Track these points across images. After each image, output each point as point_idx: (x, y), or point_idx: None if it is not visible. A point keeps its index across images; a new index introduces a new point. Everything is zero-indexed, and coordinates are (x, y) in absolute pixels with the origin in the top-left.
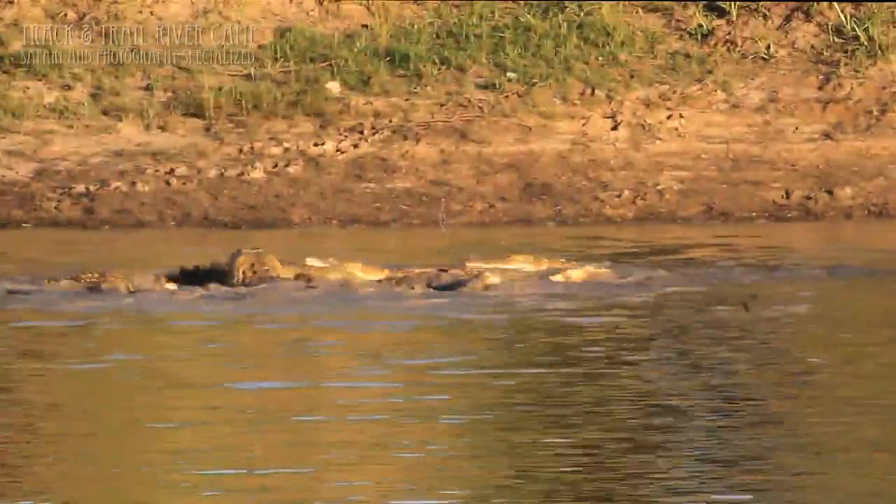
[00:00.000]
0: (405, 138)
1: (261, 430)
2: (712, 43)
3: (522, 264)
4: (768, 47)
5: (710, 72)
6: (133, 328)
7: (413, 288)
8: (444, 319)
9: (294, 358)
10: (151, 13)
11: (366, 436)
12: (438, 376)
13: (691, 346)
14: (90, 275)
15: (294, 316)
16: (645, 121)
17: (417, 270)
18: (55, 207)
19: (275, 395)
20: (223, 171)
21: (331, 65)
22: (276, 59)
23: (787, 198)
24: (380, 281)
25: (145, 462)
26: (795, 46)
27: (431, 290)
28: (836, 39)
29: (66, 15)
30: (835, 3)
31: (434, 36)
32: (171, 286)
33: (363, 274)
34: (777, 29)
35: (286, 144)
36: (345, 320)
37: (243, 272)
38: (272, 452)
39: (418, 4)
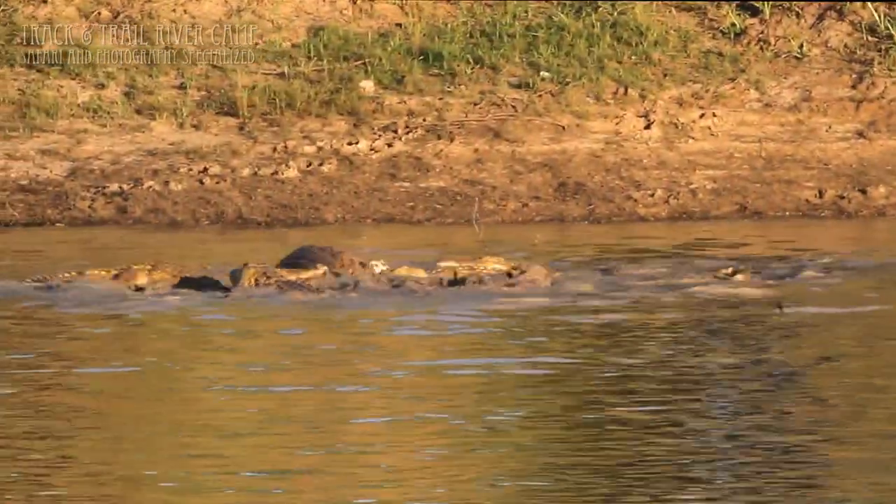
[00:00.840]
0: (439, 137)
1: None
2: (745, 42)
3: (494, 265)
4: (801, 46)
5: (743, 71)
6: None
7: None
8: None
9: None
10: (185, 12)
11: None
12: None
13: None
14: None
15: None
16: (678, 120)
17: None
18: (89, 206)
19: (305, 398)
20: (257, 170)
21: (364, 64)
22: (309, 58)
23: (821, 197)
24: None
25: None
26: (828, 45)
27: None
28: (870, 38)
29: (99, 14)
30: (868, 2)
31: (468, 35)
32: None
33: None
34: (810, 28)
35: (320, 143)
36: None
37: (255, 280)
38: (304, 458)
39: (452, 4)
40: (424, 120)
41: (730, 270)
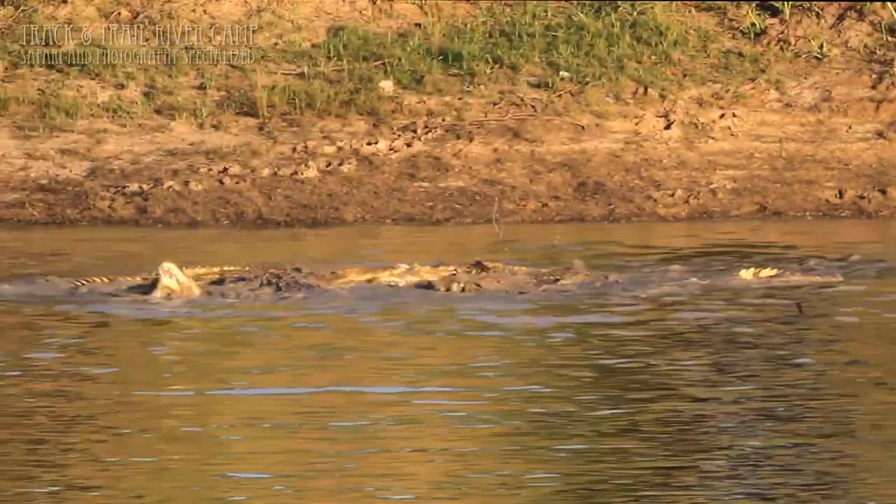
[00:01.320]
0: (458, 137)
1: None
2: (765, 42)
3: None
4: (821, 46)
5: (763, 71)
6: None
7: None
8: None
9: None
10: (205, 12)
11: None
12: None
13: None
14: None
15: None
16: (698, 120)
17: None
18: (108, 206)
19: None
20: (276, 170)
21: (384, 64)
22: (329, 58)
23: (841, 197)
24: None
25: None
26: (848, 45)
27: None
28: (890, 38)
29: (119, 14)
30: (888, 3)
31: (487, 35)
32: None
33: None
34: (830, 28)
35: (339, 143)
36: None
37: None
38: (312, 459)
39: (471, 3)
40: (444, 120)
41: (753, 270)
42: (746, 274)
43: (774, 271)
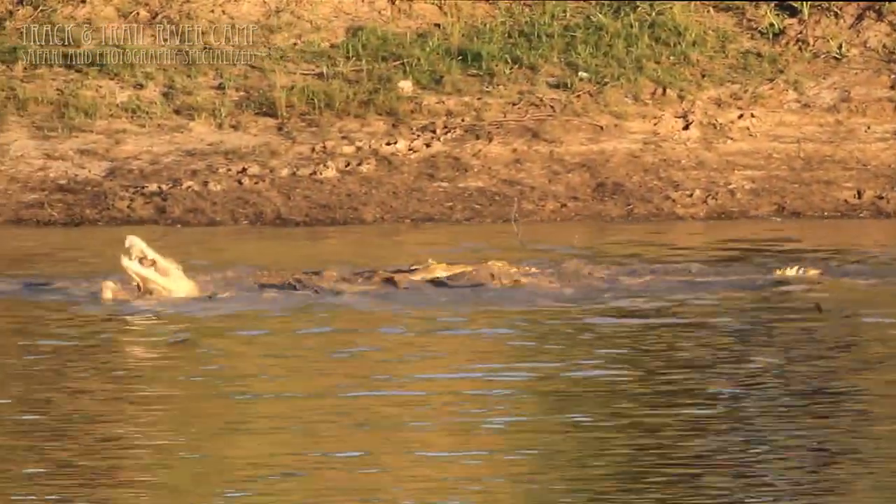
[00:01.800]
0: (477, 137)
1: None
2: (784, 42)
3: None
4: (840, 47)
5: (782, 71)
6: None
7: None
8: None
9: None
10: (223, 12)
11: None
12: None
13: None
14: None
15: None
16: (716, 120)
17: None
18: (127, 206)
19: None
20: (295, 170)
21: (403, 64)
22: (348, 58)
23: (859, 197)
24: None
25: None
26: (867, 46)
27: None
28: None
29: (138, 14)
30: None
31: (506, 35)
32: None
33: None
34: (849, 28)
35: (358, 143)
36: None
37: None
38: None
39: (490, 4)
40: (463, 120)
41: (793, 270)
42: (791, 271)
43: (818, 270)
